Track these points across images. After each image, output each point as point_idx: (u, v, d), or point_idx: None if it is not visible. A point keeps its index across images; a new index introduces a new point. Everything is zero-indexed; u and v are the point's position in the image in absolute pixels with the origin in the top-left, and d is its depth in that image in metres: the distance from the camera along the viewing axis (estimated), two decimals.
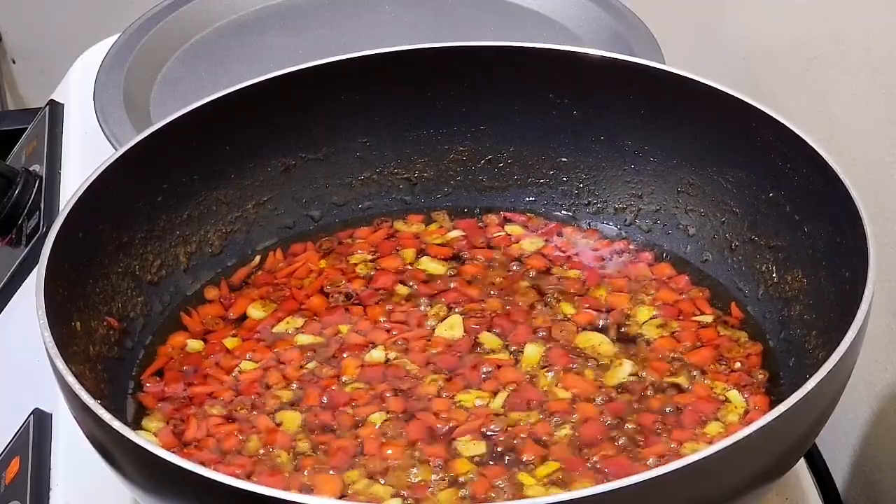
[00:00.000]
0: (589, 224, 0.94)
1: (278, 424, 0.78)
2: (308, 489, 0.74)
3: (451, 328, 0.85)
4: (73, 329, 0.77)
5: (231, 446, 0.77)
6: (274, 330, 0.86)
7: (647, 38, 1.09)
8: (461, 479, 0.74)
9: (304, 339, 0.85)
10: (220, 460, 0.76)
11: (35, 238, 1.07)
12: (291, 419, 0.79)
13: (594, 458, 0.75)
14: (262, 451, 0.77)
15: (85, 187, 0.80)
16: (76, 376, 0.68)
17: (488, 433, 0.77)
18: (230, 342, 0.85)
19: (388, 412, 0.79)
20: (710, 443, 0.76)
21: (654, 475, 0.60)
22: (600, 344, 0.83)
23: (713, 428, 0.77)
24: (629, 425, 0.77)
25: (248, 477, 0.75)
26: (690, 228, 0.91)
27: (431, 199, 0.97)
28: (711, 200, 0.90)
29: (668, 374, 0.81)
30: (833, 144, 0.93)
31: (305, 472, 0.75)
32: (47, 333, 0.70)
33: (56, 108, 1.22)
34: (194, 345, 0.85)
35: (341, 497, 0.73)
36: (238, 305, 0.88)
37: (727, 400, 0.79)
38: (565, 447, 0.76)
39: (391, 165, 0.96)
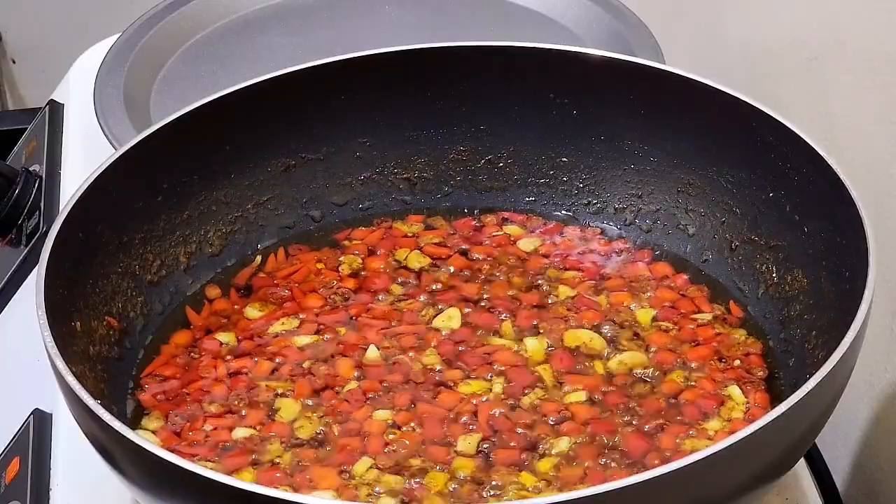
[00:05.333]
0: (589, 224, 0.94)
1: (277, 421, 0.79)
2: (307, 484, 0.74)
3: (449, 319, 0.86)
4: (73, 329, 0.77)
5: (230, 444, 0.77)
6: (270, 330, 0.86)
7: (647, 38, 1.09)
8: (461, 475, 0.74)
9: (301, 339, 0.85)
10: (219, 457, 0.76)
11: (35, 238, 1.07)
12: (289, 415, 0.79)
13: (594, 455, 0.75)
14: (258, 448, 0.77)
15: (85, 187, 0.80)
16: (76, 376, 0.68)
17: (488, 427, 0.77)
18: (227, 337, 0.85)
19: (391, 408, 0.79)
20: (711, 439, 0.76)
21: (654, 475, 0.60)
22: (591, 340, 0.83)
23: (713, 424, 0.77)
24: (628, 422, 0.77)
25: (252, 467, 0.75)
26: (690, 228, 0.91)
27: (431, 199, 0.97)
28: (711, 200, 0.90)
29: (668, 372, 0.81)
30: (833, 144, 0.93)
31: (304, 468, 0.75)
32: (47, 333, 0.70)
33: (56, 108, 1.22)
34: (193, 346, 0.85)
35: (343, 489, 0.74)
36: (244, 307, 0.88)
37: (727, 396, 0.79)
38: (566, 444, 0.76)
39: (391, 165, 0.96)
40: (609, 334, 0.84)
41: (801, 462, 0.83)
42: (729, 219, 0.89)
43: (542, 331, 0.85)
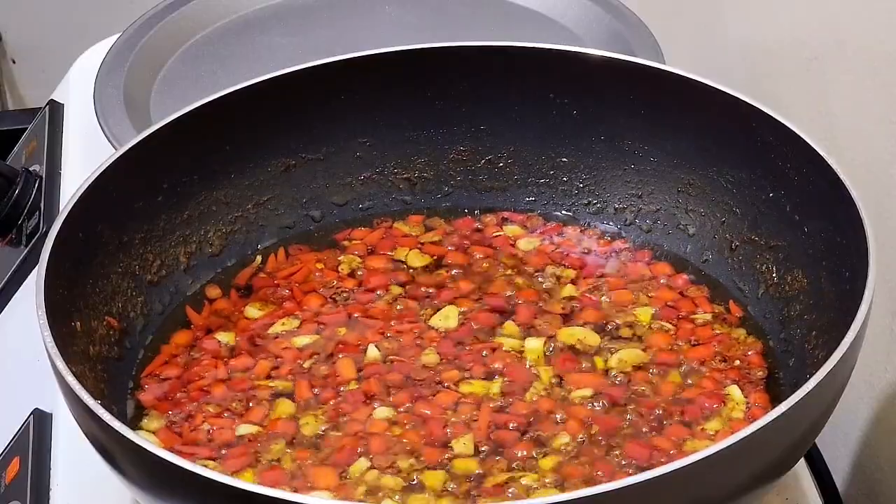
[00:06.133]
0: (589, 224, 0.94)
1: (277, 421, 0.79)
2: (305, 483, 0.74)
3: (446, 318, 0.86)
4: (73, 329, 0.77)
5: (230, 443, 0.77)
6: (270, 331, 0.86)
7: (647, 38, 1.09)
8: (461, 474, 0.74)
9: (300, 340, 0.85)
10: (219, 457, 0.76)
11: (35, 238, 1.07)
12: (289, 415, 0.79)
13: (595, 454, 0.75)
14: (259, 448, 0.77)
15: (85, 187, 0.80)
16: (76, 376, 0.68)
17: (488, 426, 0.77)
18: (227, 337, 0.85)
19: (390, 407, 0.79)
20: (711, 440, 0.76)
21: (654, 475, 0.60)
22: (585, 337, 0.83)
23: (714, 424, 0.77)
24: (628, 421, 0.77)
25: (252, 467, 0.75)
26: (690, 228, 0.91)
27: (431, 199, 0.97)
28: (711, 200, 0.90)
29: (668, 371, 0.81)
30: (833, 144, 0.93)
31: (304, 468, 0.75)
32: (47, 333, 0.70)
33: (56, 108, 1.22)
34: (193, 346, 0.85)
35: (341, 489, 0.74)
36: (244, 307, 0.88)
37: (727, 396, 0.79)
38: (566, 443, 0.76)
39: (391, 165, 0.96)
40: (608, 334, 0.84)
41: (801, 462, 0.83)
42: (729, 219, 0.89)
43: (538, 329, 0.85)
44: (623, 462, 0.75)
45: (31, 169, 1.14)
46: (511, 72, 0.92)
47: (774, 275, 0.85)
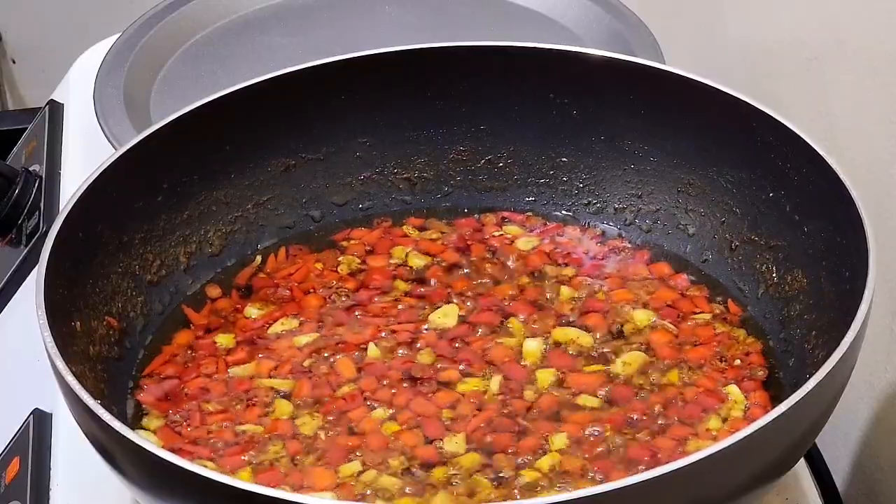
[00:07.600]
0: (589, 224, 0.94)
1: (276, 421, 0.79)
2: (305, 483, 0.74)
3: (446, 317, 0.86)
4: (73, 329, 0.77)
5: (230, 443, 0.77)
6: (270, 331, 0.86)
7: (647, 38, 1.09)
8: (460, 474, 0.74)
9: (300, 339, 0.85)
10: (219, 457, 0.76)
11: (35, 238, 1.08)
12: (289, 415, 0.79)
13: (594, 454, 0.75)
14: (258, 448, 0.77)
15: (85, 187, 0.80)
16: (76, 376, 0.68)
17: (487, 425, 0.77)
18: (226, 338, 0.85)
19: (389, 407, 0.79)
20: (714, 440, 0.76)
21: (654, 475, 0.60)
22: (579, 337, 0.83)
23: (713, 424, 0.77)
24: (628, 421, 0.77)
25: (251, 467, 0.75)
26: (690, 228, 0.91)
27: (431, 199, 0.97)
28: (711, 200, 0.90)
29: (668, 371, 0.81)
30: (833, 144, 0.93)
31: (304, 468, 0.75)
32: (47, 333, 0.70)
33: (56, 108, 1.22)
34: (194, 346, 0.85)
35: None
36: (244, 307, 0.88)
37: (727, 396, 0.79)
38: (565, 443, 0.76)
39: (391, 165, 0.96)
40: (608, 334, 0.84)
41: (801, 462, 0.83)
42: (729, 219, 0.89)
43: (537, 329, 0.85)
44: (623, 462, 0.75)
45: (31, 169, 1.14)
46: (511, 72, 0.92)
47: (774, 275, 0.85)
